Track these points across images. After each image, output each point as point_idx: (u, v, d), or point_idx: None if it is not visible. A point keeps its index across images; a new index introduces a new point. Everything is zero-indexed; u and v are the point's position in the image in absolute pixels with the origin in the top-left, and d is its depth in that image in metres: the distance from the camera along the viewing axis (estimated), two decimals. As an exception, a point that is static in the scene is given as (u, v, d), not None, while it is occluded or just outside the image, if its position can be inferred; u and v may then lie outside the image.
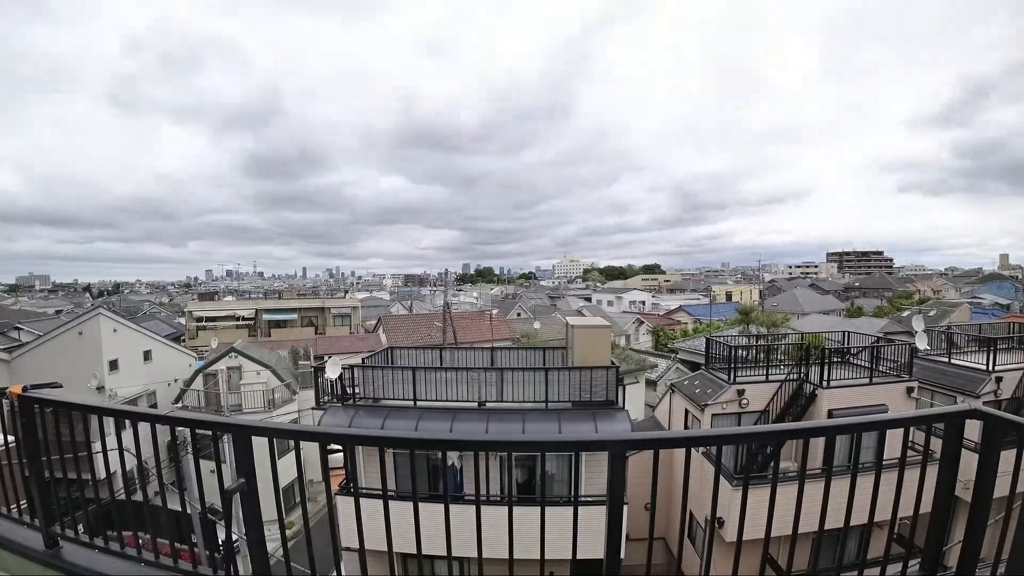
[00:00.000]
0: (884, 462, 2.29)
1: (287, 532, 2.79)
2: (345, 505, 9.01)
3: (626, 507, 7.55)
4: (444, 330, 28.08)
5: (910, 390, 12.46)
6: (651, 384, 24.59)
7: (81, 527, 2.60)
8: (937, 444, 2.11)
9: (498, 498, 8.70)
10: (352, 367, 11.54)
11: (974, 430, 2.00)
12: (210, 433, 2.26)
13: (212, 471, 2.45)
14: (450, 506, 2.32)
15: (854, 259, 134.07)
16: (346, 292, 70.15)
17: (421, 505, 2.17)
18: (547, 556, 2.12)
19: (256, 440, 2.07)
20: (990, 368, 12.88)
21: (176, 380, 21.90)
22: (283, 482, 3.01)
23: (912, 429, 2.14)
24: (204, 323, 35.66)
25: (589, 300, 64.43)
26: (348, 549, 3.34)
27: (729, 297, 61.69)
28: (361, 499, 2.32)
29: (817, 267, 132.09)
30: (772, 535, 2.13)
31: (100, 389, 19.02)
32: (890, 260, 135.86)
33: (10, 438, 2.67)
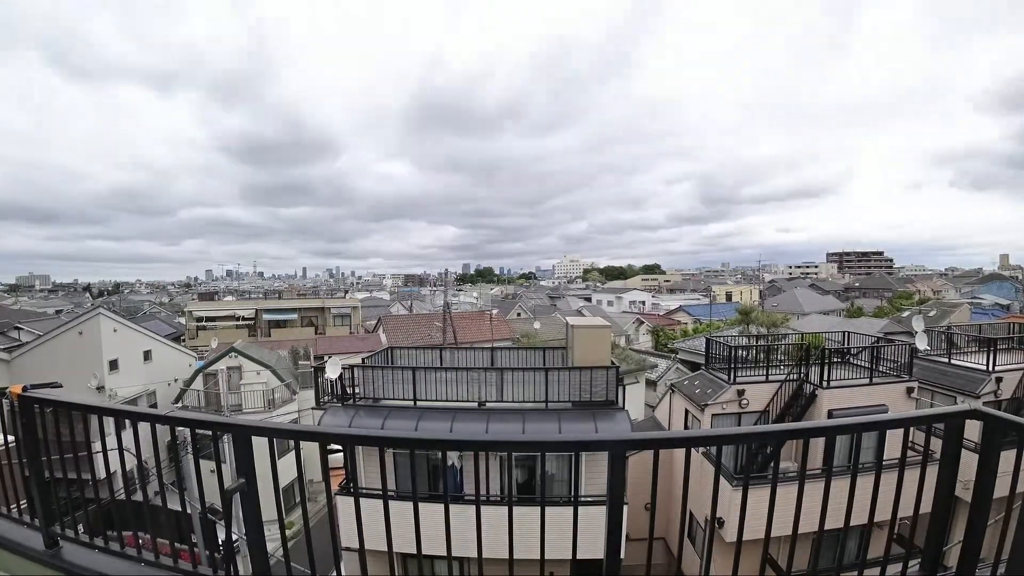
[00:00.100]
0: (884, 462, 2.28)
1: (287, 532, 2.79)
2: (345, 505, 9.01)
3: (626, 507, 7.55)
4: (444, 330, 28.08)
5: (910, 390, 12.46)
6: (651, 384, 24.58)
7: (81, 527, 2.60)
8: (937, 444, 2.12)
9: (498, 498, 8.70)
10: (352, 367, 11.54)
11: (974, 430, 2.00)
12: (210, 433, 2.26)
13: (212, 471, 2.45)
14: (450, 506, 2.32)
15: (854, 259, 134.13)
16: (346, 292, 70.14)
17: (421, 505, 2.17)
18: (547, 556, 2.13)
19: (256, 440, 2.07)
20: (990, 368, 12.89)
21: (176, 380, 21.90)
22: (283, 482, 3.01)
23: (912, 429, 2.14)
24: (204, 323, 35.68)
25: (589, 300, 64.44)
26: (348, 549, 3.34)
27: (729, 297, 61.68)
28: (361, 499, 2.31)
29: (817, 267, 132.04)
30: (772, 535, 2.13)
31: (100, 389, 19.02)
32: (890, 260, 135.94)
33: (10, 438, 2.67)
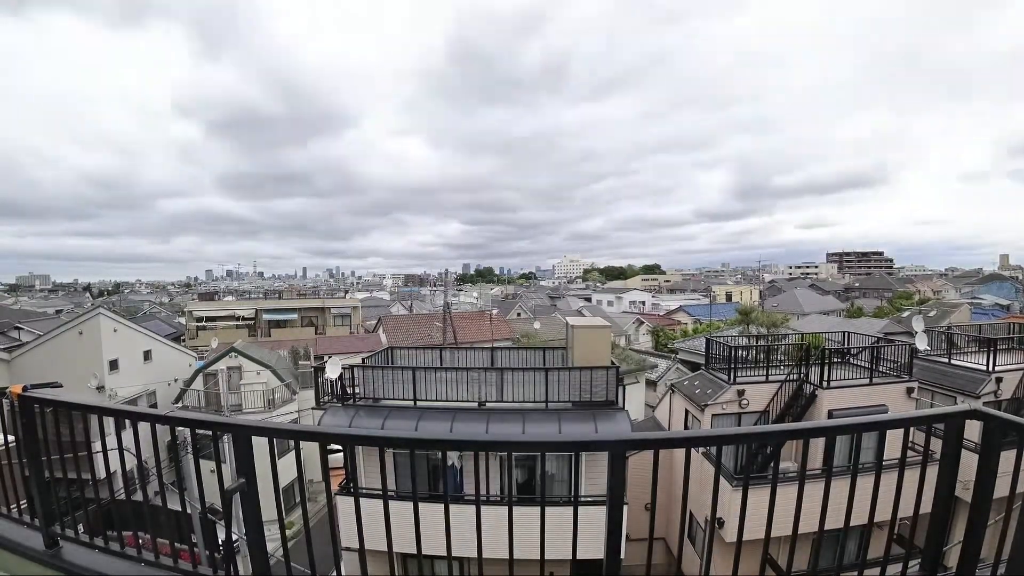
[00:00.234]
0: (884, 462, 2.29)
1: (287, 532, 2.79)
2: (345, 505, 9.01)
3: (626, 507, 7.55)
4: (444, 330, 28.08)
5: (910, 390, 12.45)
6: (651, 384, 24.57)
7: (81, 527, 2.60)
8: (937, 444, 2.12)
9: (498, 498, 8.72)
10: (352, 367, 11.54)
11: (974, 430, 2.00)
12: (210, 433, 2.26)
13: (212, 471, 2.44)
14: (450, 506, 2.32)
15: (854, 259, 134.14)
16: (346, 292, 70.13)
17: (421, 505, 2.17)
18: (547, 556, 2.12)
19: (256, 440, 2.07)
20: (990, 369, 12.89)
21: (176, 380, 21.89)
22: (283, 482, 3.01)
23: (912, 429, 2.14)
24: (204, 323, 35.67)
25: (589, 300, 64.44)
26: (348, 549, 3.35)
27: (729, 297, 61.66)
28: (361, 499, 2.32)
29: (817, 267, 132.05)
30: (772, 535, 2.13)
31: (100, 389, 19.01)
32: (890, 260, 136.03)
33: (10, 438, 2.67)
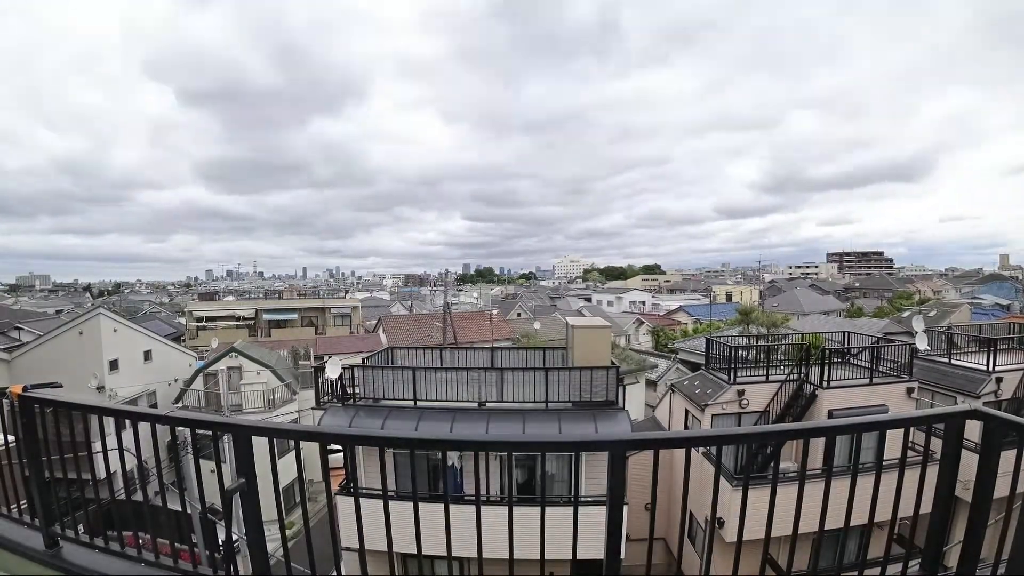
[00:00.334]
0: (884, 462, 2.29)
1: (287, 532, 2.79)
2: (345, 505, 9.01)
3: (626, 507, 7.55)
4: (444, 330, 28.08)
5: (910, 390, 12.45)
6: (651, 384, 24.57)
7: (81, 527, 2.60)
8: (937, 444, 2.11)
9: (498, 498, 8.72)
10: (352, 367, 11.55)
11: (974, 430, 2.00)
12: (210, 433, 2.26)
13: (212, 471, 2.44)
14: (450, 506, 2.32)
15: (854, 259, 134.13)
16: (346, 292, 70.17)
17: (421, 505, 2.17)
18: (547, 556, 2.12)
19: (256, 440, 2.07)
20: (990, 369, 12.89)
21: (176, 380, 21.90)
22: (283, 482, 3.01)
23: (912, 429, 2.14)
24: (204, 323, 35.69)
25: (589, 300, 64.43)
26: (348, 549, 3.34)
27: (729, 297, 61.64)
28: (361, 499, 2.31)
29: (817, 267, 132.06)
30: (772, 535, 2.13)
31: (100, 389, 19.01)
32: (890, 260, 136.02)
33: (10, 438, 2.67)
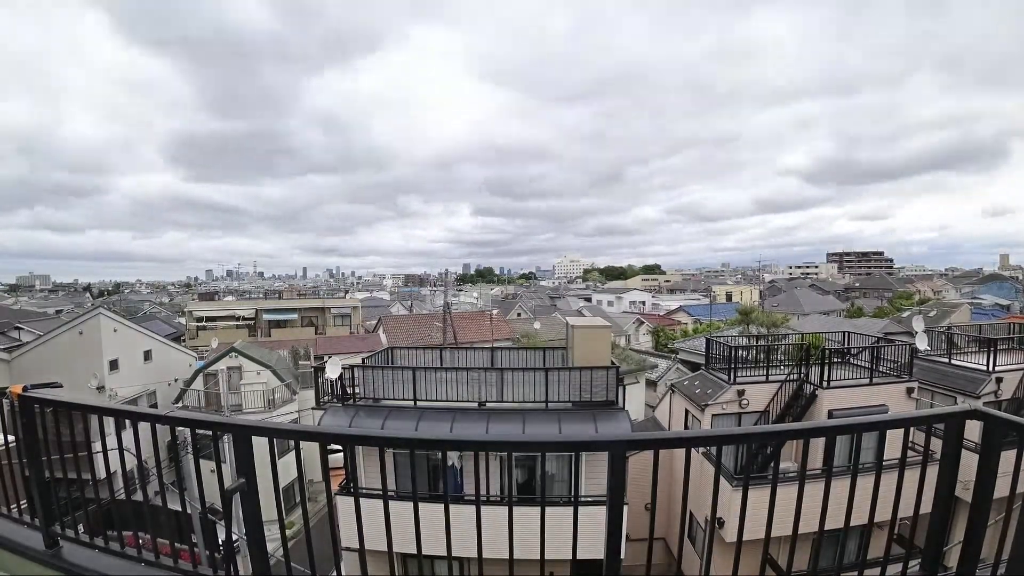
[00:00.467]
0: (884, 462, 2.29)
1: (287, 532, 2.79)
2: (345, 505, 9.01)
3: (626, 507, 7.55)
4: (444, 330, 28.08)
5: (910, 390, 12.45)
6: (651, 384, 24.57)
7: (81, 527, 2.60)
8: (937, 444, 2.11)
9: (498, 498, 8.71)
10: (352, 367, 11.55)
11: (974, 431, 2.00)
12: (210, 433, 2.26)
13: (212, 471, 2.44)
14: (450, 506, 2.32)
15: (854, 259, 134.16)
16: (346, 292, 70.18)
17: (421, 505, 2.17)
18: (547, 556, 2.12)
19: (256, 440, 2.07)
20: (990, 369, 12.89)
21: (176, 380, 21.90)
22: (283, 482, 3.01)
23: (912, 429, 2.14)
24: (204, 323, 35.68)
25: (589, 300, 64.44)
26: (348, 549, 3.34)
27: (729, 297, 61.64)
28: (361, 499, 2.31)
29: (817, 267, 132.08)
30: (772, 535, 2.13)
31: (100, 389, 19.01)
32: (890, 260, 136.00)
33: (10, 438, 2.67)
